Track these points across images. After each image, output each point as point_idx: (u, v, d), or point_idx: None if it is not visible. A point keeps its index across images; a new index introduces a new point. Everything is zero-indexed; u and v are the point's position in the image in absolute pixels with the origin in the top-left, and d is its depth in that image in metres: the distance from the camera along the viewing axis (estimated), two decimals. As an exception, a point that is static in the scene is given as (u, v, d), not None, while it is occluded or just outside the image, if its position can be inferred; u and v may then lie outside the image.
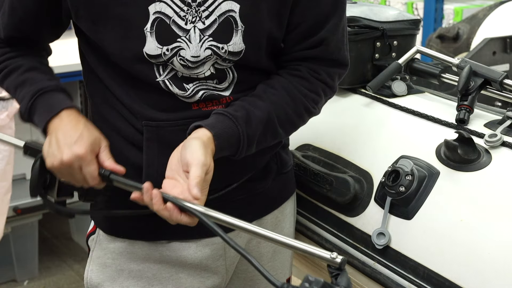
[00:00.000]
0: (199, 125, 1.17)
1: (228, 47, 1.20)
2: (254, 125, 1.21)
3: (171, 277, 1.32)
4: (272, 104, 1.25)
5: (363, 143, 1.51)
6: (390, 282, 1.33)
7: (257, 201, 1.34)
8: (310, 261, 1.61)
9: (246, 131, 1.20)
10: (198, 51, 1.19)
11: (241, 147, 1.21)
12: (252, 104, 1.23)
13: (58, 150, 1.16)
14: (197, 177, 1.08)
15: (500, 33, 2.41)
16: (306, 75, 1.29)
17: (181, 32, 1.19)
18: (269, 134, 1.25)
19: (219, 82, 1.24)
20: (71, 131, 1.17)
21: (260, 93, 1.26)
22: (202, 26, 1.19)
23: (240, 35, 1.20)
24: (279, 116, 1.25)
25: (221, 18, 1.19)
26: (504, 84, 1.45)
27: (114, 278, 1.32)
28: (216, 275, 1.35)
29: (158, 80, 1.21)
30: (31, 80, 1.26)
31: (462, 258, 1.23)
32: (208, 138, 1.15)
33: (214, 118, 1.20)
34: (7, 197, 2.67)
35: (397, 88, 1.59)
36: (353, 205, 1.44)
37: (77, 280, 3.15)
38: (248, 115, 1.21)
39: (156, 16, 1.17)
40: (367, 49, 1.64)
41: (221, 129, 1.17)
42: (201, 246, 1.32)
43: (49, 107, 1.22)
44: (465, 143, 1.29)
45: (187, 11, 1.18)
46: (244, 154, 1.22)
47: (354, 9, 1.63)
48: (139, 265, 1.32)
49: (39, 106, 1.23)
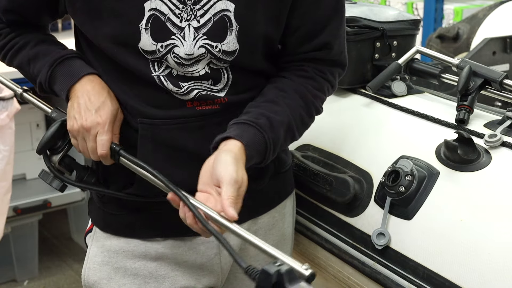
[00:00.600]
0: (227, 137, 1.16)
1: (222, 46, 1.21)
2: (276, 131, 1.22)
3: (167, 275, 1.33)
4: (288, 108, 1.25)
5: (363, 143, 1.51)
6: (390, 282, 1.33)
7: (253, 200, 1.33)
8: (310, 260, 1.61)
9: (272, 138, 1.21)
10: (192, 49, 1.20)
11: (268, 154, 1.21)
12: (270, 110, 1.23)
13: (80, 114, 1.20)
14: (231, 197, 1.07)
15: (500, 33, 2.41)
16: (313, 74, 1.30)
17: (176, 29, 1.19)
18: (289, 137, 1.27)
19: (214, 83, 1.24)
20: (95, 97, 1.21)
21: (273, 98, 1.26)
22: (196, 24, 1.19)
23: (234, 35, 1.21)
24: (295, 119, 1.27)
25: (216, 17, 1.19)
26: (504, 84, 1.45)
27: (110, 276, 1.33)
28: (211, 274, 1.36)
29: (153, 75, 1.22)
30: (44, 51, 1.29)
31: (462, 258, 1.23)
32: (239, 149, 1.15)
33: (237, 128, 1.19)
34: (7, 197, 2.67)
35: (397, 88, 1.59)
36: (353, 205, 1.44)
37: (77, 280, 3.14)
38: (270, 122, 1.21)
39: (151, 13, 1.18)
40: (367, 49, 1.64)
41: (249, 138, 1.17)
42: (196, 244, 1.32)
43: (70, 74, 1.24)
44: (465, 143, 1.29)
45: (182, 9, 1.18)
46: (269, 161, 1.23)
47: (354, 9, 1.63)
48: (135, 263, 1.32)
49: (59, 74, 1.25)
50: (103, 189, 1.30)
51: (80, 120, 1.20)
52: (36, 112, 3.09)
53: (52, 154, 1.27)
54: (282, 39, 1.29)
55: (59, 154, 1.26)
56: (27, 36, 1.31)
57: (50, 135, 1.25)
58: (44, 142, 1.25)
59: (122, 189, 1.29)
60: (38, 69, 1.28)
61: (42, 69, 1.27)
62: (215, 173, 1.11)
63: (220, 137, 1.17)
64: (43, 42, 1.31)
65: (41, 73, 1.27)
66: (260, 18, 1.22)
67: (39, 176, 1.29)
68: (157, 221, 1.30)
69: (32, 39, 1.30)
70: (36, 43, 1.30)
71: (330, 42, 1.29)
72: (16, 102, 2.62)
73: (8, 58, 1.33)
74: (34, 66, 1.29)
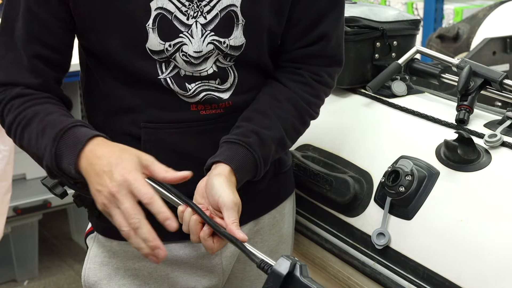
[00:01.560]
0: (217, 161, 1.18)
1: (229, 41, 1.21)
2: (267, 147, 1.23)
3: (167, 276, 1.33)
4: (280, 120, 1.26)
5: (363, 143, 1.51)
6: (390, 282, 1.33)
7: (253, 201, 1.34)
8: (310, 261, 1.61)
9: (262, 155, 1.22)
10: (200, 46, 1.20)
11: (259, 171, 1.23)
12: (261, 125, 1.24)
13: (101, 183, 1.05)
14: (235, 221, 1.09)
15: (500, 33, 2.41)
16: (308, 80, 1.30)
17: (183, 27, 1.19)
18: (280, 148, 1.28)
19: (221, 83, 1.25)
20: (109, 155, 1.07)
21: (265, 109, 1.26)
22: (203, 21, 1.19)
23: (240, 29, 1.21)
24: (287, 130, 1.27)
25: (223, 13, 1.19)
26: (504, 84, 1.45)
27: (111, 277, 1.33)
28: (212, 274, 1.36)
29: (160, 78, 1.21)
30: (50, 123, 1.14)
31: (462, 258, 1.23)
32: (229, 172, 1.16)
33: (227, 149, 1.20)
34: (7, 197, 2.67)
35: (397, 88, 1.59)
36: (353, 205, 1.44)
37: (77, 280, 3.15)
38: (260, 139, 1.22)
39: (158, 12, 1.17)
40: (367, 49, 1.64)
41: (239, 161, 1.19)
42: (197, 246, 1.32)
43: (75, 142, 1.10)
44: (465, 143, 1.29)
45: (189, 6, 1.18)
46: (262, 175, 1.24)
47: (354, 9, 1.63)
48: (135, 263, 1.32)
49: (64, 147, 1.10)
50: None
51: (106, 188, 1.04)
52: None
53: None
54: (282, 34, 1.29)
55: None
56: (36, 108, 1.17)
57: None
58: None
59: None
60: (44, 148, 1.13)
61: (46, 147, 1.12)
62: (212, 198, 1.12)
63: (211, 161, 1.18)
64: (50, 114, 1.16)
65: (46, 152, 1.12)
66: (265, 12, 1.22)
67: (42, 181, 1.27)
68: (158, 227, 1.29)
69: (39, 111, 1.16)
70: (43, 116, 1.15)
71: (328, 33, 1.29)
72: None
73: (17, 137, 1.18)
74: (39, 146, 1.14)
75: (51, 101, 1.20)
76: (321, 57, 1.31)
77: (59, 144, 1.10)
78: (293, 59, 1.32)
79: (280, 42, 1.31)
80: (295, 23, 1.27)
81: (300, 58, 1.31)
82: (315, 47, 1.30)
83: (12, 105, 1.18)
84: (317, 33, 1.28)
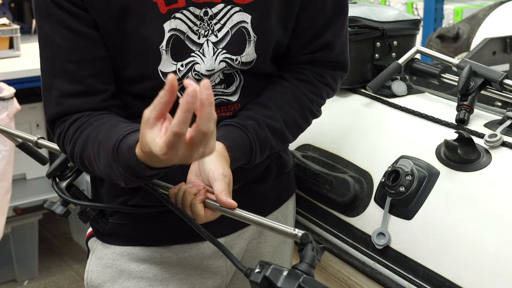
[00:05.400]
0: None
1: (242, 58, 1.21)
2: (264, 133, 1.22)
3: (172, 278, 1.32)
4: (280, 112, 1.25)
5: (363, 143, 1.51)
6: (390, 282, 1.33)
7: (257, 202, 1.34)
8: (310, 261, 1.61)
9: (258, 140, 1.21)
10: (212, 65, 1.19)
11: (254, 155, 1.21)
12: (259, 112, 1.23)
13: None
14: (224, 190, 1.08)
15: (500, 33, 2.41)
16: (311, 79, 1.30)
17: (195, 46, 1.18)
18: (279, 139, 1.26)
19: (227, 87, 1.24)
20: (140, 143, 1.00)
21: (266, 101, 1.26)
22: (215, 39, 1.19)
23: (252, 46, 1.21)
24: (287, 122, 1.26)
25: (233, 30, 1.19)
26: (504, 84, 1.45)
27: (114, 279, 1.32)
28: (216, 276, 1.35)
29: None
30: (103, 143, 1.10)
31: (462, 258, 1.23)
32: (222, 147, 1.16)
33: (223, 129, 1.19)
34: (7, 197, 2.67)
35: (397, 88, 1.59)
36: (353, 205, 1.44)
37: (77, 280, 3.15)
38: (256, 123, 1.21)
39: (171, 34, 1.16)
40: (367, 49, 1.64)
41: (233, 140, 1.18)
42: (203, 248, 1.32)
43: (128, 150, 1.05)
44: (465, 143, 1.29)
45: (200, 25, 1.17)
46: (257, 161, 1.23)
47: (354, 9, 1.63)
48: (139, 265, 1.31)
49: (124, 164, 1.05)
50: (109, 205, 1.30)
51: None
52: (36, 112, 3.10)
53: (60, 180, 1.33)
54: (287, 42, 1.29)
55: (66, 180, 1.33)
56: (89, 129, 1.14)
57: (60, 161, 1.31)
58: (54, 167, 1.31)
59: (128, 200, 1.27)
60: (109, 168, 1.08)
61: (112, 167, 1.07)
62: (202, 173, 1.12)
63: None
64: (100, 131, 1.12)
65: (113, 174, 1.08)
66: (273, 26, 1.22)
67: (45, 206, 1.34)
68: (162, 229, 1.29)
69: (92, 132, 1.13)
70: (96, 135, 1.12)
71: (332, 41, 1.29)
72: (16, 102, 2.62)
73: (80, 163, 1.16)
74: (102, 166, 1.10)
75: (97, 117, 1.16)
76: (325, 62, 1.32)
77: (120, 164, 1.05)
78: (298, 63, 1.32)
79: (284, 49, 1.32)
80: (300, 33, 1.27)
81: (304, 62, 1.31)
82: (319, 54, 1.30)
83: (67, 135, 1.17)
84: (322, 41, 1.28)
